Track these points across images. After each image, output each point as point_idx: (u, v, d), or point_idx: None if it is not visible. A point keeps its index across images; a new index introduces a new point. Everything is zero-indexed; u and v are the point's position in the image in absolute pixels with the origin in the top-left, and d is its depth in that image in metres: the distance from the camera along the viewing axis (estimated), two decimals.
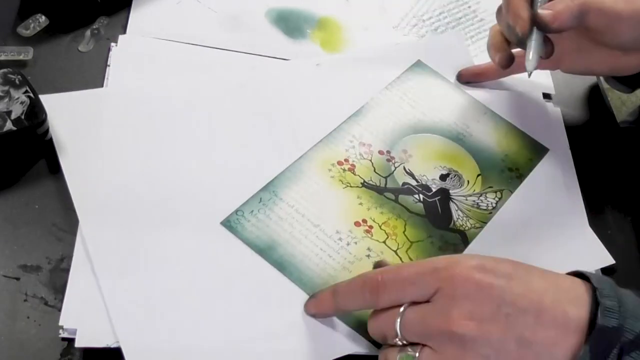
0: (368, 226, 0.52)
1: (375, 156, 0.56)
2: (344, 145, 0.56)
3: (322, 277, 0.48)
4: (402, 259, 0.51)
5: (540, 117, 0.63)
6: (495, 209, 0.55)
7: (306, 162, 0.54)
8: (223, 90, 0.58)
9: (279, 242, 0.49)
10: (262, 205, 0.51)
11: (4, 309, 0.45)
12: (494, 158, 0.58)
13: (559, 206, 0.57)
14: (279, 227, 0.50)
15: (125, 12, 0.62)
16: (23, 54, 0.57)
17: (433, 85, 0.62)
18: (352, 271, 0.49)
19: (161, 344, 0.44)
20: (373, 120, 0.58)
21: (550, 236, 0.55)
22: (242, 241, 0.49)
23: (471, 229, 0.54)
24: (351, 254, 0.50)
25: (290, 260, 0.49)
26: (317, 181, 0.53)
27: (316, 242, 0.50)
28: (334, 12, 0.66)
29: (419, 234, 0.52)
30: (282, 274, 0.48)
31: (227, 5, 0.64)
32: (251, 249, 0.49)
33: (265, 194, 0.52)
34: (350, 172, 0.54)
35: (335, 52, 0.63)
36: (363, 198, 0.53)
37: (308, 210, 0.51)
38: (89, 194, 0.49)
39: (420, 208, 0.54)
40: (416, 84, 0.62)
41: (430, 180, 0.56)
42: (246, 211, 0.50)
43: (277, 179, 0.52)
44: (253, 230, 0.50)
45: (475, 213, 0.55)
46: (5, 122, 0.49)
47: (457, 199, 0.55)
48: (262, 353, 0.45)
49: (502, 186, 0.57)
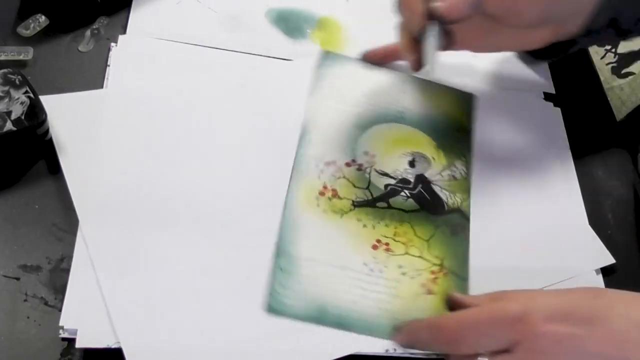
0: (385, 244, 0.52)
1: (346, 171, 0.55)
2: (313, 172, 0.54)
3: (384, 317, 0.48)
4: (430, 261, 0.51)
5: (540, 117, 0.63)
6: (469, 174, 0.57)
7: (294, 206, 0.52)
8: (223, 90, 0.58)
9: (325, 302, 0.48)
10: (286, 274, 0.48)
11: (4, 309, 0.45)
12: (438, 123, 0.59)
13: (559, 206, 0.57)
14: (315, 287, 0.48)
15: (125, 12, 0.62)
16: (23, 54, 0.57)
17: (348, 73, 0.61)
18: (403, 296, 0.49)
19: (162, 344, 0.44)
20: (321, 135, 0.56)
21: (550, 236, 0.55)
22: (295, 318, 0.47)
23: (463, 203, 0.55)
24: (389, 280, 0.50)
25: (348, 316, 0.48)
26: (314, 222, 0.51)
27: (354, 284, 0.49)
28: (334, 12, 0.66)
29: (428, 229, 0.53)
30: (347, 332, 0.47)
31: (227, 5, 0.64)
32: (304, 322, 0.47)
33: (281, 260, 0.49)
34: (336, 198, 0.53)
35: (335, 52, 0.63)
36: (363, 219, 0.52)
37: (326, 256, 0.50)
38: (89, 194, 0.49)
39: (412, 204, 0.54)
40: (334, 78, 0.60)
41: (403, 171, 0.56)
42: (278, 288, 0.48)
43: (281, 238, 0.50)
44: (296, 304, 0.47)
45: (455, 186, 0.56)
46: (5, 123, 0.49)
47: (435, 180, 0.56)
48: (263, 353, 0.45)
49: (460, 148, 0.58)
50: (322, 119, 0.57)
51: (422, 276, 0.50)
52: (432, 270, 0.51)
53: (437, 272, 0.51)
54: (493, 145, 0.60)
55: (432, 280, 0.50)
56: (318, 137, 0.56)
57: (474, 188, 0.56)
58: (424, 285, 0.50)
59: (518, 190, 0.57)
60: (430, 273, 0.51)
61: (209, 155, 0.54)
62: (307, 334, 0.46)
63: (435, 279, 0.50)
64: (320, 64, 0.60)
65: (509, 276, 0.52)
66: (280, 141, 0.55)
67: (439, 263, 0.51)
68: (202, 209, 0.50)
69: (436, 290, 0.50)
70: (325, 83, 0.59)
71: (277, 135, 0.56)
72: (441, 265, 0.51)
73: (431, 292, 0.50)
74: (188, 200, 0.51)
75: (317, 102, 0.58)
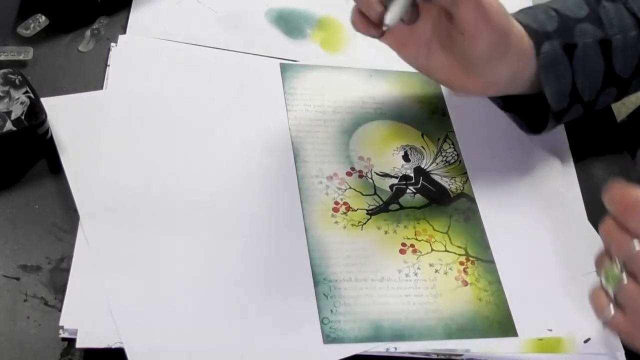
0: (410, 246, 0.52)
1: (350, 181, 0.55)
2: (320, 191, 0.53)
3: (433, 319, 0.48)
4: (455, 252, 0.52)
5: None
6: (460, 155, 0.58)
7: (315, 230, 0.51)
8: (223, 90, 0.58)
9: (378, 319, 0.48)
10: (331, 298, 0.48)
11: (4, 309, 0.45)
12: (415, 110, 0.60)
13: (559, 206, 0.57)
14: (364, 307, 0.48)
15: (125, 12, 0.61)
16: (23, 54, 0.57)
17: (315, 81, 0.60)
18: (443, 294, 0.50)
19: (164, 344, 0.44)
20: (312, 151, 0.56)
21: (550, 235, 0.55)
22: (354, 342, 0.46)
23: (465, 186, 0.56)
24: (426, 280, 0.50)
25: (402, 327, 0.48)
26: (339, 241, 0.51)
27: (397, 293, 0.49)
28: (334, 12, 0.66)
29: (443, 220, 0.54)
30: (405, 342, 0.47)
31: (227, 5, 0.64)
32: (366, 343, 0.47)
33: (322, 287, 0.48)
34: (351, 211, 0.53)
35: (335, 52, 0.63)
36: (382, 226, 0.53)
37: (362, 273, 0.50)
38: (91, 194, 0.49)
39: (420, 199, 0.55)
40: (303, 90, 0.59)
41: (400, 168, 0.56)
42: (328, 315, 0.47)
43: (313, 266, 0.49)
44: (353, 327, 0.47)
45: (451, 170, 0.57)
46: (5, 123, 0.49)
47: (432, 170, 0.57)
48: (266, 352, 0.45)
49: (442, 131, 0.59)
50: (308, 134, 0.57)
51: (453, 270, 0.51)
52: (460, 261, 0.52)
53: (464, 262, 0.52)
54: (493, 147, 0.60)
55: (463, 270, 0.51)
56: (310, 155, 0.55)
57: (470, 171, 0.57)
58: (457, 278, 0.51)
59: (518, 191, 0.57)
60: (459, 264, 0.52)
61: (209, 155, 0.54)
62: (313, 334, 0.46)
63: (465, 269, 0.52)
64: (284, 78, 0.60)
65: (529, 259, 0.53)
66: (280, 141, 0.55)
67: (464, 253, 0.52)
68: (203, 209, 0.50)
69: (470, 280, 0.51)
70: (297, 97, 0.59)
71: (277, 135, 0.56)
72: (466, 255, 0.52)
73: (466, 283, 0.51)
74: (190, 200, 0.51)
75: (297, 117, 0.57)
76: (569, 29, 0.55)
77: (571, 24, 0.55)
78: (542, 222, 0.55)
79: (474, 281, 0.51)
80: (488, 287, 0.51)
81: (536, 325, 0.50)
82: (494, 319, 0.50)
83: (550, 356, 0.49)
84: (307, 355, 0.46)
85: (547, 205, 0.57)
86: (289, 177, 0.54)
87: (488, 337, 0.48)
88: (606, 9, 0.57)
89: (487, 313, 0.50)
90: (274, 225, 0.51)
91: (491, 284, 0.51)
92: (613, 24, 0.56)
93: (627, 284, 0.43)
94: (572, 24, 0.55)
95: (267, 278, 0.48)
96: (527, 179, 0.58)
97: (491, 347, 0.48)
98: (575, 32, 0.55)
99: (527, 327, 0.50)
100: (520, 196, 0.57)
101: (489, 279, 0.52)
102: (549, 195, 0.57)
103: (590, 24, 0.56)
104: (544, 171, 0.59)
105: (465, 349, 0.48)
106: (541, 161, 0.59)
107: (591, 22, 0.56)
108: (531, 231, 0.54)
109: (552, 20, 0.55)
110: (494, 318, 0.50)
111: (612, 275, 0.45)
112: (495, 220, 0.55)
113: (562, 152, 0.61)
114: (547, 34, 0.54)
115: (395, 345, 0.47)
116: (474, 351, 0.48)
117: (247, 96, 0.58)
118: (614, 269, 0.45)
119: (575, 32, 0.55)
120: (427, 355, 0.47)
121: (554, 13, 0.55)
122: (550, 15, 0.55)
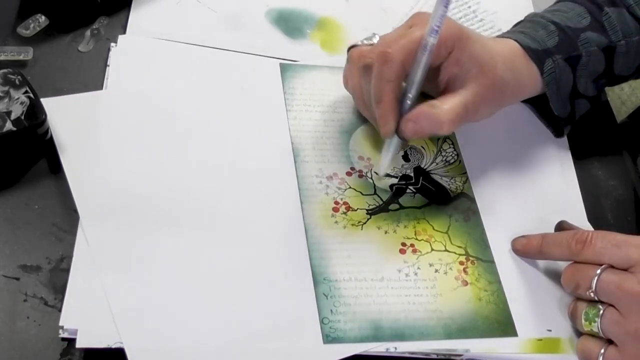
0: (410, 246, 0.52)
1: (349, 180, 0.55)
2: (320, 191, 0.53)
3: (433, 319, 0.48)
4: (455, 252, 0.52)
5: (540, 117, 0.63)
6: (459, 155, 0.58)
7: (315, 230, 0.51)
8: (223, 90, 0.58)
9: (378, 319, 0.48)
10: (331, 298, 0.48)
11: (4, 309, 0.45)
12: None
13: (559, 206, 0.57)
14: (364, 307, 0.48)
15: (125, 12, 0.61)
16: (23, 54, 0.57)
17: (314, 81, 0.60)
18: (443, 294, 0.50)
19: (164, 344, 0.44)
20: (312, 150, 0.56)
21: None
22: (353, 342, 0.47)
23: (464, 185, 0.56)
24: (426, 280, 0.50)
25: (402, 326, 0.48)
26: (339, 241, 0.51)
27: (397, 293, 0.49)
28: (334, 12, 0.66)
29: (443, 220, 0.54)
30: (405, 342, 0.47)
31: (227, 5, 0.64)
32: (366, 343, 0.47)
33: (322, 287, 0.49)
34: (351, 211, 0.53)
35: (335, 53, 0.63)
36: (382, 225, 0.53)
37: (362, 272, 0.50)
38: (91, 194, 0.49)
39: (420, 199, 0.55)
40: (303, 89, 0.59)
41: (401, 168, 0.56)
42: (328, 315, 0.47)
43: (313, 266, 0.49)
44: (353, 327, 0.47)
45: (451, 170, 0.57)
46: (5, 123, 0.49)
47: (432, 169, 0.57)
48: (266, 353, 0.45)
49: None
50: (308, 134, 0.57)
51: (453, 269, 0.51)
52: (460, 260, 0.52)
53: (464, 261, 0.52)
54: (493, 147, 0.60)
55: (463, 270, 0.52)
56: (310, 155, 0.55)
57: (470, 171, 0.57)
58: (457, 278, 0.51)
59: (517, 191, 0.57)
60: (459, 264, 0.52)
61: (209, 155, 0.54)
62: (313, 334, 0.46)
63: (465, 269, 0.52)
64: (284, 78, 0.60)
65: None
66: (280, 141, 0.55)
67: (464, 252, 0.52)
68: (204, 209, 0.50)
69: (470, 280, 0.51)
70: (296, 97, 0.59)
71: (277, 135, 0.56)
72: (466, 254, 0.52)
73: (466, 283, 0.51)
74: (189, 200, 0.51)
75: (296, 117, 0.57)
76: (572, 41, 0.56)
77: (574, 35, 0.56)
78: (542, 222, 0.55)
79: (474, 281, 0.51)
80: (488, 287, 0.51)
81: (536, 326, 0.50)
82: (493, 318, 0.50)
83: (550, 356, 0.49)
84: (307, 355, 0.46)
85: (547, 205, 0.57)
86: (289, 177, 0.54)
87: (488, 337, 0.49)
88: (609, 16, 0.57)
89: (487, 313, 0.50)
90: (274, 225, 0.51)
91: (491, 283, 0.51)
92: (616, 30, 0.57)
93: (606, 312, 0.45)
94: (574, 34, 0.56)
95: (267, 278, 0.48)
96: (527, 178, 0.58)
97: (491, 347, 0.48)
98: (578, 42, 0.56)
99: (526, 327, 0.50)
100: (520, 196, 0.57)
101: (488, 279, 0.52)
102: (549, 195, 0.58)
103: (594, 32, 0.56)
104: (544, 171, 0.59)
105: (465, 349, 0.48)
106: (541, 161, 0.59)
107: (594, 30, 0.56)
108: (531, 231, 0.54)
109: (552, 35, 0.56)
110: (493, 318, 0.50)
111: (592, 313, 0.46)
112: (495, 220, 0.55)
113: (562, 152, 0.61)
114: (547, 51, 0.55)
115: (395, 345, 0.47)
116: (473, 351, 0.48)
117: (247, 96, 0.58)
118: (590, 309, 0.47)
119: (578, 42, 0.56)
120: (427, 355, 0.47)
121: (554, 27, 0.56)
122: (550, 30, 0.56)
